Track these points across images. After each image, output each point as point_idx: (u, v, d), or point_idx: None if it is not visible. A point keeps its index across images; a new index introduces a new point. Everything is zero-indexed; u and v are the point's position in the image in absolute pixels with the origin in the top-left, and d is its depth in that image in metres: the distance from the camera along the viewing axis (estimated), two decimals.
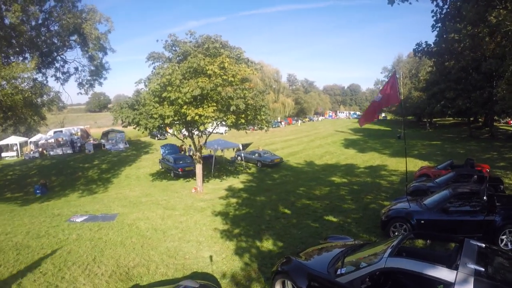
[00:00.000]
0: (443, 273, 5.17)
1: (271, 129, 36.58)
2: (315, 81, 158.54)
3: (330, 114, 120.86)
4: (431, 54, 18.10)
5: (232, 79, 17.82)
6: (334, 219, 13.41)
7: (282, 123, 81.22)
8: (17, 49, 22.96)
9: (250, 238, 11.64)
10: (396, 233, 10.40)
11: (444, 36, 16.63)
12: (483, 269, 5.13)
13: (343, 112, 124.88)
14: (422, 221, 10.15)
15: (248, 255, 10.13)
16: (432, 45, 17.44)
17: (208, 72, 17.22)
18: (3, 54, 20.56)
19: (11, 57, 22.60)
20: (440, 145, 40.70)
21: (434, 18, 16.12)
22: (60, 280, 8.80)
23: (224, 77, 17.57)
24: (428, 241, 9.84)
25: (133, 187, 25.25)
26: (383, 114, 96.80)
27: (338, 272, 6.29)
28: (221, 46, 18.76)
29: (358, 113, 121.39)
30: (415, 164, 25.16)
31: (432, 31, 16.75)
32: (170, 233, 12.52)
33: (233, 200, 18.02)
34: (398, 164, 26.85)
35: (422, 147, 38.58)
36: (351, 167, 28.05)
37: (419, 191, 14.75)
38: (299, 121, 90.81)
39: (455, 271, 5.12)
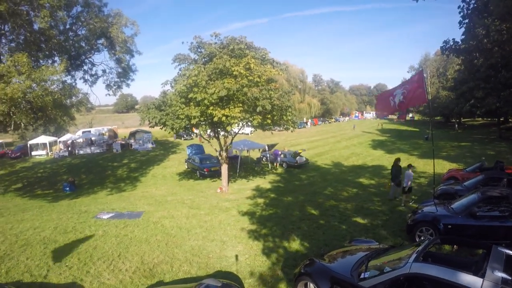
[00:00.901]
0: (469, 280, 5.08)
1: (297, 129, 36.37)
2: (340, 81, 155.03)
3: (357, 114, 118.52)
4: (459, 52, 17.65)
5: (258, 79, 17.87)
6: (361, 221, 13.28)
7: (308, 123, 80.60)
8: (46, 52, 23.70)
9: (275, 239, 11.65)
10: (422, 238, 10.17)
11: (472, 32, 16.19)
12: (511, 278, 5.01)
13: (370, 113, 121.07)
14: (449, 226, 9.90)
15: (272, 256, 10.15)
16: (460, 42, 17.00)
17: (234, 73, 17.32)
18: (33, 58, 21.26)
19: (41, 61, 23.48)
20: (469, 146, 39.43)
21: (461, 14, 15.74)
22: (85, 274, 9.14)
23: (250, 77, 17.63)
24: (454, 246, 9.60)
25: (159, 186, 25.71)
26: (410, 115, 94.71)
27: (362, 276, 6.25)
28: (246, 47, 18.85)
29: (385, 113, 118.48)
30: (443, 166, 24.63)
31: (460, 28, 16.38)
32: (194, 232, 12.70)
33: (259, 201, 18.04)
34: (426, 166, 26.18)
35: (450, 149, 37.55)
36: (378, 169, 27.60)
37: (446, 195, 14.39)
38: (325, 122, 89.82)
39: (481, 279, 5.02)
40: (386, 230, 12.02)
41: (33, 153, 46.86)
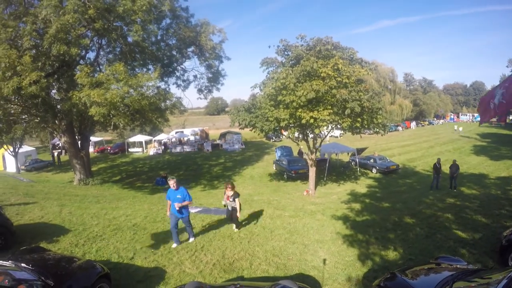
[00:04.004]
0: None
1: (388, 133, 34.66)
2: (434, 80, 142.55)
3: (452, 116, 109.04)
4: None
5: (347, 80, 17.46)
6: (459, 234, 12.07)
7: (400, 127, 76.11)
8: (141, 62, 25.65)
9: (359, 247, 11.17)
10: None
11: None
12: None
13: (466, 115, 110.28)
14: None
15: (353, 264, 9.77)
16: None
17: (322, 74, 17.06)
18: (129, 67, 23.18)
19: (137, 69, 25.46)
20: None
21: None
22: (168, 261, 9.60)
23: (338, 79, 17.29)
24: None
25: (247, 186, 26.28)
26: (511, 117, 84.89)
27: None
28: (332, 47, 18.50)
29: (486, 119, 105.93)
30: None
31: None
32: (277, 232, 12.65)
33: (344, 206, 17.50)
34: None
35: None
36: (479, 177, 25.26)
37: None
38: (415, 125, 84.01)
39: None
40: (476, 250, 10.60)
41: (130, 150, 51.86)
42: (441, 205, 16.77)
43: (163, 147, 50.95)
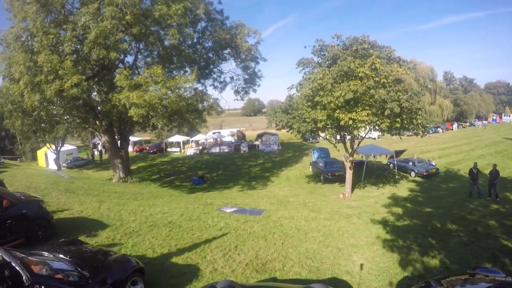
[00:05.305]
0: None
1: (428, 135, 33.20)
2: (475, 78, 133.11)
3: (494, 117, 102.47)
4: None
5: (385, 80, 17.07)
6: (502, 242, 11.42)
7: (440, 128, 73.14)
8: (178, 64, 26.25)
9: (395, 253, 10.87)
10: None
11: None
12: None
13: (510, 115, 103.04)
14: None
15: (388, 271, 9.54)
16: None
17: (359, 74, 16.76)
18: (166, 69, 23.87)
19: (174, 71, 26.08)
20: None
21: None
22: (201, 259, 9.69)
23: (376, 78, 16.96)
24: None
25: (283, 187, 26.17)
26: None
27: None
28: (369, 46, 18.17)
29: None
30: None
31: None
32: (311, 235, 12.51)
33: (383, 210, 17.07)
34: None
35: None
36: None
37: None
38: (456, 126, 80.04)
39: None
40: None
41: (168, 149, 53.09)
42: (484, 211, 15.96)
43: (200, 147, 51.74)
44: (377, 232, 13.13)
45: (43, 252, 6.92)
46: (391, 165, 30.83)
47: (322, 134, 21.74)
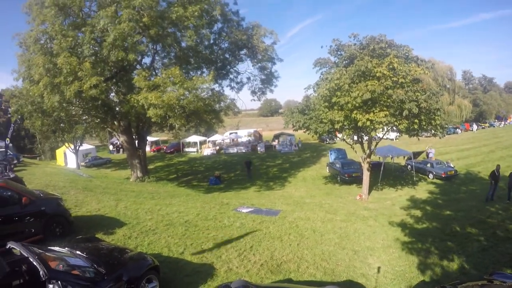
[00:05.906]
0: None
1: (447, 136, 32.39)
2: (494, 77, 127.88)
3: None
4: None
5: (403, 80, 16.83)
6: None
7: (459, 129, 71.51)
8: (195, 65, 26.50)
9: (412, 256, 10.75)
10: None
11: None
12: None
13: None
14: None
15: (403, 275, 9.45)
16: None
17: (377, 74, 16.55)
18: (183, 70, 24.09)
19: (191, 72, 26.26)
20: None
21: None
22: (216, 258, 9.72)
23: (394, 78, 16.72)
24: None
25: (299, 188, 26.05)
26: None
27: None
28: (387, 45, 17.96)
29: None
30: None
31: None
32: (327, 237, 12.43)
33: (401, 212, 16.84)
34: None
35: None
36: None
37: None
38: (476, 127, 77.82)
39: None
40: None
41: (185, 149, 53.56)
42: (504, 214, 15.64)
43: (217, 147, 52.02)
44: (394, 235, 12.98)
45: (60, 249, 7.06)
46: (409, 166, 30.34)
47: (340, 135, 21.52)
